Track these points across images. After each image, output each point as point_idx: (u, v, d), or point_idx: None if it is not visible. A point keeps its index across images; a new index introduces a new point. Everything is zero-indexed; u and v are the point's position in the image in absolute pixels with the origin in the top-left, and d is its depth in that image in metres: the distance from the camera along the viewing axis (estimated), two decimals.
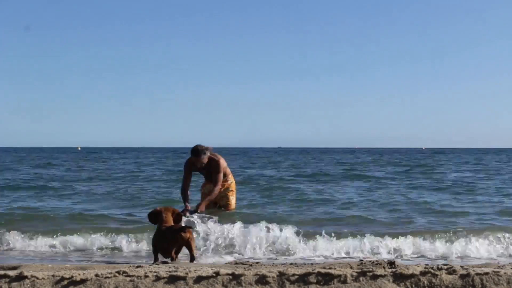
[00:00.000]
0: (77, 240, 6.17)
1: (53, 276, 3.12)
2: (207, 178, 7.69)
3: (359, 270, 3.22)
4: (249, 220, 6.61)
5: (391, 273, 3.18)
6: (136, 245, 6.06)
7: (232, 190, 7.87)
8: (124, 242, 6.08)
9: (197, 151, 7.36)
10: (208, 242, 5.85)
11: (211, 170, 7.53)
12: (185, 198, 7.43)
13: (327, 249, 5.85)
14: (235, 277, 3.17)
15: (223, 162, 7.58)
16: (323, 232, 6.04)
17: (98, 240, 6.14)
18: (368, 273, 3.18)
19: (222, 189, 7.69)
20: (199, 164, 7.42)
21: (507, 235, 6.02)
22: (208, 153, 7.41)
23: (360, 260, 4.26)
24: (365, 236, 5.97)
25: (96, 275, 3.14)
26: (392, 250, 5.79)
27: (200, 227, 5.99)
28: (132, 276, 3.16)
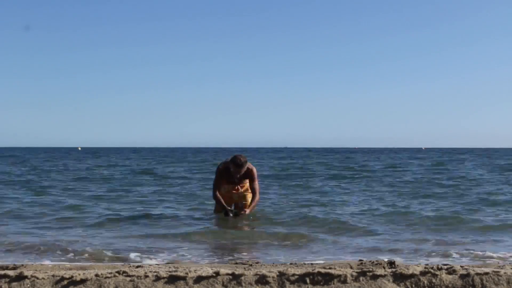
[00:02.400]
0: None
1: (53, 276, 3.13)
2: (229, 181, 7.78)
3: (359, 270, 3.21)
4: None
5: (391, 273, 3.17)
6: None
7: (249, 190, 7.97)
8: None
9: (241, 163, 7.48)
10: None
11: (248, 178, 7.67)
12: (222, 202, 7.60)
13: None
14: (235, 277, 3.17)
15: (255, 169, 7.74)
16: None
17: None
18: (368, 273, 3.17)
19: (240, 190, 7.81)
20: (238, 174, 7.54)
21: None
22: (246, 164, 7.55)
23: (360, 260, 4.25)
24: None
25: (96, 275, 3.14)
26: None
27: None
28: (132, 276, 3.16)
